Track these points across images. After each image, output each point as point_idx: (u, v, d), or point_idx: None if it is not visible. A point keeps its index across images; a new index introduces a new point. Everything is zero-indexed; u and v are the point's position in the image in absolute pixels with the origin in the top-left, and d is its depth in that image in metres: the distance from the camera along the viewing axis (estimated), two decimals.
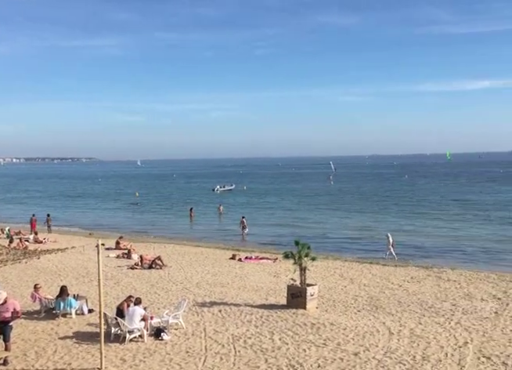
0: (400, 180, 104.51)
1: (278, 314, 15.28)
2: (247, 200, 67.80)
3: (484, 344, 12.55)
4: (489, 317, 15.12)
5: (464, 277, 21.20)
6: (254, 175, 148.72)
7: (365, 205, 55.75)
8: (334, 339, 12.93)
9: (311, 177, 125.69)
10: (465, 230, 36.41)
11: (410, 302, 17.05)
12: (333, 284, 19.84)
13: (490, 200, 57.57)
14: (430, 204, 54.53)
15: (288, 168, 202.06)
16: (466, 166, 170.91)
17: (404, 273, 22.30)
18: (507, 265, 24.97)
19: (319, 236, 35.06)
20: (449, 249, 29.88)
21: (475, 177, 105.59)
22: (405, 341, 12.81)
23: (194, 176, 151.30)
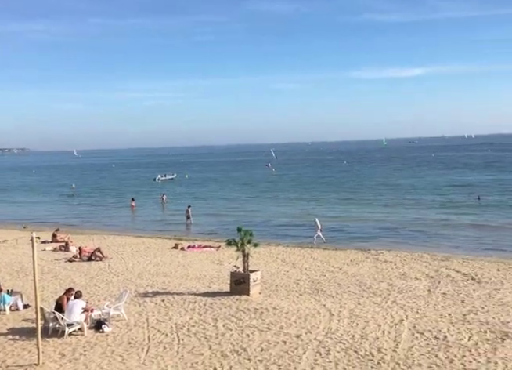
0: (339, 166, 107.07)
1: (221, 301, 15.34)
2: (189, 189, 67.30)
3: (417, 321, 13.18)
4: (423, 294, 15.88)
5: (400, 257, 22.11)
6: (196, 164, 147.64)
7: (305, 192, 56.68)
8: (277, 323, 13.15)
9: (253, 165, 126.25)
10: (398, 214, 37.77)
11: (350, 283, 17.60)
12: (275, 270, 20.13)
13: (421, 184, 59.96)
14: (367, 190, 56.14)
15: (230, 156, 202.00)
16: (401, 151, 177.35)
17: (344, 256, 22.96)
18: (439, 245, 26.24)
19: (260, 223, 35.36)
20: (385, 232, 30.99)
21: (409, 162, 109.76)
22: (345, 321, 13.23)
23: (134, 166, 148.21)
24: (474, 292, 16.08)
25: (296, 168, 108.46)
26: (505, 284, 16.91)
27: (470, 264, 20.37)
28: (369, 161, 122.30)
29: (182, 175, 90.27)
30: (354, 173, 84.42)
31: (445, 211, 38.17)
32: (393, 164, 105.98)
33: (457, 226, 31.97)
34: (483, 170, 77.10)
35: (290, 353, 11.08)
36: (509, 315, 13.49)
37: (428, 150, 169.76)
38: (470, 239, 27.95)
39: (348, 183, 66.29)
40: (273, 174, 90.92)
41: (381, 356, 10.80)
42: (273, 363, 10.53)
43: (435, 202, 43.40)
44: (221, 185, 71.06)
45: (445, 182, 61.12)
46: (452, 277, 18.24)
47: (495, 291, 16.11)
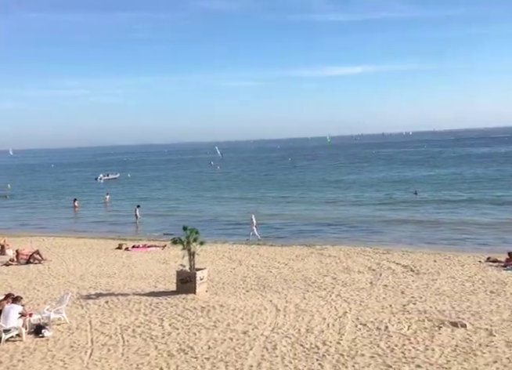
0: (284, 163, 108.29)
1: (167, 301, 15.16)
2: (133, 188, 66.02)
3: (360, 312, 13.57)
4: (365, 287, 16.35)
5: (343, 252, 22.66)
6: (140, 163, 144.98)
7: (249, 189, 56.90)
8: (224, 320, 13.15)
9: (198, 163, 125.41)
10: (340, 210, 38.62)
11: (295, 279, 17.85)
12: (222, 267, 20.11)
13: (362, 180, 61.57)
14: (310, 187, 56.97)
15: (174, 155, 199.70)
16: (344, 148, 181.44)
17: (289, 252, 23.26)
18: (379, 240, 27.05)
19: (206, 221, 35.18)
20: (328, 228, 31.60)
21: (351, 158, 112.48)
22: (291, 316, 13.41)
23: (74, 165, 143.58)
24: (413, 282, 16.73)
25: (241, 165, 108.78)
26: (441, 275, 17.70)
27: (410, 256, 21.17)
28: (312, 158, 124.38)
29: (126, 175, 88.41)
30: (297, 170, 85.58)
31: (384, 207, 39.28)
32: (336, 161, 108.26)
33: (396, 220, 33.00)
34: (419, 166, 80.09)
35: (237, 349, 11.11)
36: (445, 304, 14.13)
37: (369, 147, 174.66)
38: (408, 233, 28.98)
39: (292, 180, 66.95)
40: (218, 172, 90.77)
41: (326, 348, 11.03)
42: (220, 360, 10.53)
43: (375, 198, 44.67)
44: (165, 184, 70.12)
45: (385, 178, 63.13)
46: (393, 269, 18.89)
47: (433, 281, 16.83)
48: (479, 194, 43.18)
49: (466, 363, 10.04)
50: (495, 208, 35.70)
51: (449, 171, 67.64)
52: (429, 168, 73.79)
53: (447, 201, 40.11)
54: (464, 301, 14.37)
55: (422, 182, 55.49)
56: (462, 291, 15.51)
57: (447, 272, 18.13)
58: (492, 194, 42.78)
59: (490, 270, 18.38)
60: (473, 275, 17.55)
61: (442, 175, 62.87)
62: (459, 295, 15.06)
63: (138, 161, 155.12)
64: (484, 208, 36.00)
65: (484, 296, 14.83)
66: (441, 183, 53.16)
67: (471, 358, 10.27)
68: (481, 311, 13.34)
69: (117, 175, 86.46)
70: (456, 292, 15.34)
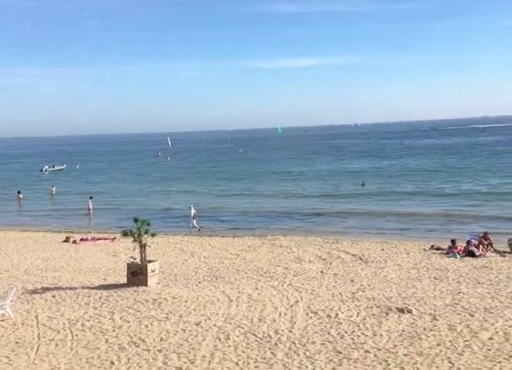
0: (235, 155, 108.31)
1: (118, 294, 14.89)
2: (80, 180, 64.28)
3: (311, 301, 13.82)
4: (316, 276, 16.66)
5: (295, 242, 22.97)
6: (87, 154, 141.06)
7: (200, 181, 56.61)
8: (176, 312, 13.06)
9: (147, 154, 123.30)
10: (291, 202, 39.04)
11: (247, 269, 17.95)
12: (173, 259, 19.95)
13: (312, 172, 62.42)
14: (260, 178, 57.14)
15: (124, 146, 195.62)
16: (295, 139, 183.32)
17: (241, 242, 23.35)
18: (329, 230, 27.55)
19: (156, 214, 34.76)
20: (278, 220, 31.92)
21: (302, 150, 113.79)
22: (244, 306, 13.49)
23: (17, 156, 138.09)
24: (361, 271, 17.19)
25: (192, 157, 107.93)
26: (388, 263, 18.28)
27: (358, 245, 21.72)
28: (263, 150, 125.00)
29: (73, 166, 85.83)
30: (248, 162, 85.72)
31: (333, 198, 39.68)
32: (286, 152, 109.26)
33: (345, 211, 33.56)
34: (367, 158, 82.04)
35: (189, 340, 11.07)
36: (392, 291, 14.61)
37: (320, 139, 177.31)
38: (356, 223, 29.69)
39: (242, 172, 66.83)
40: (167, 163, 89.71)
41: (278, 337, 11.17)
42: (173, 352, 10.46)
43: (324, 190, 45.39)
44: (114, 176, 68.64)
45: (333, 169, 64.25)
46: (343, 258, 19.33)
47: (380, 269, 17.36)
48: (423, 185, 44.60)
49: (411, 347, 10.43)
50: (438, 199, 36.98)
51: (395, 162, 69.62)
52: (376, 160, 75.66)
53: (393, 192, 41.19)
54: (410, 287, 14.91)
55: (369, 173, 56.82)
56: (408, 278, 16.07)
57: (394, 260, 18.73)
58: (435, 185, 44.28)
59: (434, 257, 19.14)
60: (418, 262, 18.22)
61: (389, 166, 64.62)
62: (405, 282, 15.61)
63: (86, 152, 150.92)
64: (427, 199, 37.22)
65: (429, 282, 15.44)
66: (387, 175, 54.52)
67: (416, 342, 10.68)
68: (425, 297, 13.88)
69: (63, 167, 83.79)
70: (403, 279, 15.89)
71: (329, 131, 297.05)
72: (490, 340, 10.63)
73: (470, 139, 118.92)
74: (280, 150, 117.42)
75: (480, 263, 17.80)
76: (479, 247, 19.38)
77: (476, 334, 11.01)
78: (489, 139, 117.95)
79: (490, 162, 60.89)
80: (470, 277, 15.90)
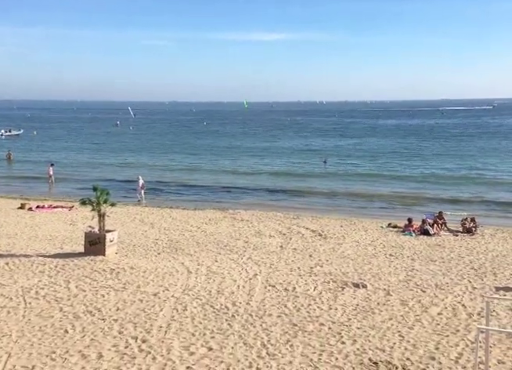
0: (199, 127, 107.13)
1: (74, 263, 14.64)
2: (38, 147, 62.33)
3: (270, 275, 13.96)
4: (276, 250, 16.82)
5: (256, 216, 23.06)
6: (45, 120, 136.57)
7: (161, 153, 55.91)
8: (134, 282, 12.96)
9: (109, 123, 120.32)
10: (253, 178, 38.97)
11: (208, 242, 17.95)
12: (133, 230, 19.72)
13: (275, 148, 62.17)
14: (223, 153, 56.68)
15: (85, 113, 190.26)
16: (260, 115, 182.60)
17: (202, 215, 23.28)
18: (290, 205, 27.78)
19: (116, 183, 34.19)
20: (238, 194, 31.95)
21: (267, 125, 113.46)
22: (203, 278, 13.51)
23: None
24: (320, 246, 17.46)
25: (154, 128, 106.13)
26: (346, 239, 18.63)
27: (318, 222, 22.01)
28: (228, 123, 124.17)
29: (30, 132, 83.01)
30: (211, 135, 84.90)
31: (294, 175, 39.71)
32: (252, 127, 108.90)
33: (306, 188, 33.81)
34: (330, 136, 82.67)
35: (146, 311, 11.02)
36: (349, 266, 14.93)
37: (285, 115, 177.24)
38: (317, 200, 30.02)
39: (205, 145, 65.82)
40: (129, 133, 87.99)
41: (236, 309, 11.26)
42: (129, 321, 10.40)
43: (287, 166, 45.56)
44: (73, 144, 66.90)
45: (297, 146, 64.43)
46: (302, 233, 19.57)
47: (338, 245, 17.68)
48: (383, 166, 45.14)
49: (365, 320, 10.72)
50: (396, 180, 37.20)
51: (357, 141, 70.38)
52: (338, 139, 76.36)
53: (353, 172, 41.51)
54: (366, 264, 15.27)
55: (331, 152, 57.25)
56: (364, 254, 16.44)
57: (352, 237, 19.09)
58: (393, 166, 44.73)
59: (390, 235, 19.62)
60: (375, 240, 18.64)
61: (350, 145, 65.22)
62: (362, 258, 15.97)
63: (44, 118, 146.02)
64: (386, 180, 37.48)
65: (384, 259, 15.84)
66: (348, 154, 54.84)
67: (370, 316, 10.98)
68: (380, 273, 14.25)
69: (20, 132, 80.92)
70: (359, 256, 16.24)
71: (295, 107, 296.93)
72: (439, 315, 11.04)
73: (430, 121, 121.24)
74: (245, 125, 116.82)
75: (434, 242, 18.36)
76: (434, 226, 19.97)
77: (426, 309, 11.40)
78: (448, 121, 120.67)
79: (448, 145, 62.32)
80: (423, 255, 16.41)
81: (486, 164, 43.27)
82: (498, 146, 59.33)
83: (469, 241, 18.49)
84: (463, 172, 39.49)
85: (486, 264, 15.20)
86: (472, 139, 69.13)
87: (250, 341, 9.59)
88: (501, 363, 8.78)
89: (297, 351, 9.21)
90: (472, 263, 15.30)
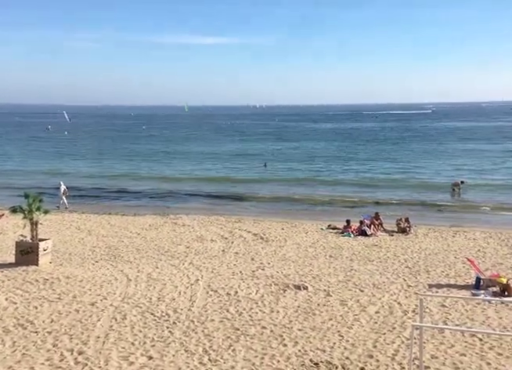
0: (137, 132, 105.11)
1: (4, 273, 13.91)
2: None
3: (212, 279, 13.87)
4: (217, 255, 16.74)
5: (197, 221, 22.85)
6: None
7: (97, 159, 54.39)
8: (70, 292, 12.48)
9: (40, 128, 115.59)
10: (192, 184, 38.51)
11: (148, 248, 17.59)
12: (69, 238, 19.02)
13: (216, 152, 61.82)
14: (161, 158, 55.57)
15: (10, 117, 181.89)
16: (201, 118, 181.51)
17: (143, 221, 22.80)
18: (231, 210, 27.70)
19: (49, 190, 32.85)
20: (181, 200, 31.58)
21: (207, 129, 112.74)
22: (143, 285, 13.22)
23: None
24: (262, 249, 17.55)
25: (91, 132, 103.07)
26: (287, 242, 18.83)
27: (260, 225, 22.11)
28: (168, 127, 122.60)
29: None
30: (150, 139, 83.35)
31: (235, 182, 39.22)
32: (191, 131, 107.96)
33: (247, 193, 33.67)
34: (270, 139, 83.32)
35: (83, 321, 10.64)
36: (290, 268, 15.09)
37: (225, 118, 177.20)
38: (259, 204, 30.12)
39: (143, 150, 64.19)
40: (65, 138, 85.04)
41: (177, 315, 11.09)
42: (64, 333, 9.99)
43: (228, 170, 45.45)
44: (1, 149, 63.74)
45: (237, 150, 64.38)
46: (244, 237, 19.58)
47: (280, 248, 17.83)
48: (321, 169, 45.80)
49: (306, 322, 10.86)
50: (334, 184, 37.62)
51: (296, 145, 71.26)
52: (278, 142, 77.13)
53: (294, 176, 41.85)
54: (307, 265, 15.49)
55: (271, 154, 57.66)
56: (305, 256, 16.68)
57: (293, 239, 19.32)
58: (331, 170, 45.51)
59: (330, 236, 20.02)
60: (315, 241, 18.95)
61: (289, 149, 65.89)
62: (303, 260, 16.19)
63: None
64: (325, 184, 37.89)
65: (324, 260, 16.14)
66: (288, 158, 55.09)
67: (311, 317, 11.14)
68: (320, 274, 14.50)
69: None
70: (300, 258, 16.46)
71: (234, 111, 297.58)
72: (376, 314, 11.36)
73: (366, 125, 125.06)
74: (185, 129, 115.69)
75: (371, 242, 18.91)
76: (371, 227, 20.57)
77: (364, 308, 11.71)
78: (381, 125, 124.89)
79: (382, 148, 64.31)
80: (361, 255, 16.86)
81: (418, 167, 45.02)
82: (429, 148, 61.99)
83: (404, 240, 19.18)
84: (397, 175, 40.87)
85: (420, 262, 15.82)
86: (405, 143, 71.87)
87: (191, 348, 9.47)
88: (434, 358, 9.14)
89: (239, 356, 9.18)
90: (407, 262, 15.89)
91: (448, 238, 19.28)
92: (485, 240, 18.89)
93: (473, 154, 53.36)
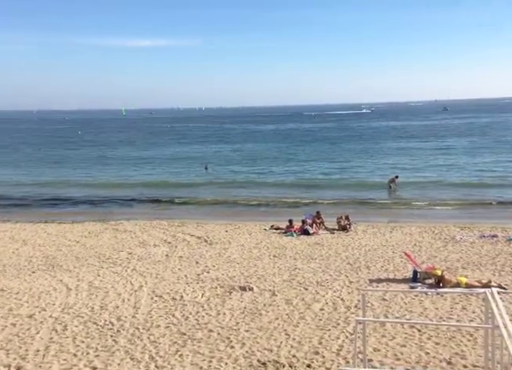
0: (72, 136, 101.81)
1: None
2: None
3: (156, 285, 13.68)
4: (161, 260, 16.51)
5: (139, 226, 22.44)
6: None
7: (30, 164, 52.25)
8: (5, 306, 11.93)
9: None
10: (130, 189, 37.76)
11: (88, 256, 17.09)
12: (2, 249, 18.18)
13: (156, 155, 60.94)
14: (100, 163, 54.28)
15: None
16: (139, 122, 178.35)
17: (81, 228, 22.12)
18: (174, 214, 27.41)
19: None
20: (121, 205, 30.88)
21: (146, 133, 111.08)
22: (84, 294, 12.84)
23: None
24: (206, 252, 17.48)
25: (22, 138, 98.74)
26: (232, 244, 18.86)
27: (203, 228, 22.00)
28: (106, 132, 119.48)
29: None
30: (86, 144, 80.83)
31: (177, 185, 38.75)
32: (130, 135, 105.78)
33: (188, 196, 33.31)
34: (210, 142, 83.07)
35: (20, 335, 10.20)
36: (235, 270, 15.13)
37: (165, 121, 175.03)
38: (201, 208, 29.93)
39: (80, 155, 62.35)
40: None
41: (121, 323, 10.86)
42: (0, 349, 9.52)
43: (169, 174, 44.86)
44: None
45: (178, 153, 63.69)
46: (188, 240, 19.43)
47: (224, 250, 17.83)
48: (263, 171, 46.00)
49: (252, 322, 10.93)
50: (276, 186, 37.88)
51: (238, 147, 71.48)
52: (220, 144, 77.09)
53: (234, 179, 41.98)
54: (252, 266, 15.59)
55: (212, 158, 57.51)
56: (250, 257, 16.77)
57: (237, 241, 19.37)
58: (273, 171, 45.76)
59: (273, 236, 20.23)
60: (259, 242, 19.10)
61: (231, 151, 65.99)
62: (248, 261, 16.27)
63: None
64: (266, 187, 38.16)
65: (269, 261, 16.30)
66: (229, 160, 55.28)
67: (257, 318, 11.22)
68: (265, 274, 14.63)
69: None
70: (245, 259, 16.53)
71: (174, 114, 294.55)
72: (321, 311, 11.61)
73: (305, 126, 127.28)
74: (123, 133, 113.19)
75: (313, 240, 19.28)
76: (313, 225, 20.98)
77: (309, 306, 11.93)
78: (320, 125, 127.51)
79: (320, 148, 65.58)
80: (304, 254, 17.16)
81: (355, 166, 46.29)
82: (366, 147, 63.90)
83: (344, 237, 19.70)
84: (335, 175, 41.81)
85: (360, 259, 16.30)
86: (343, 142, 73.75)
87: (137, 355, 9.30)
88: (376, 350, 9.46)
89: (186, 360, 9.11)
90: (348, 259, 16.33)
91: (386, 234, 19.99)
92: (420, 234, 19.74)
93: (406, 152, 55.47)
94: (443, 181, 36.03)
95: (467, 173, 39.24)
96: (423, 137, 75.65)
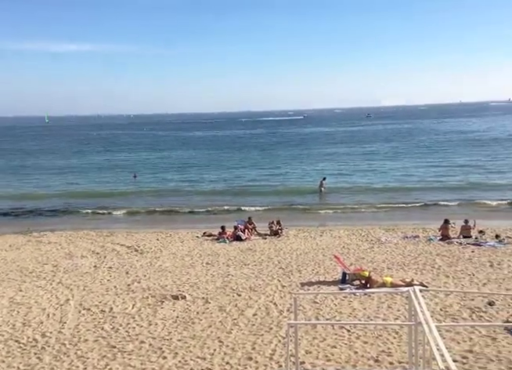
0: None
1: None
2: None
3: (84, 297, 13.17)
4: (89, 271, 15.93)
5: (65, 237, 21.55)
6: None
7: None
8: None
9: None
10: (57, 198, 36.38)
11: (9, 270, 16.19)
12: None
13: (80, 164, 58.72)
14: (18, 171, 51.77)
15: None
16: (64, 129, 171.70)
17: (1, 241, 20.92)
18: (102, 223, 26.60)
19: None
20: (43, 217, 29.54)
21: (70, 140, 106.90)
22: (4, 311, 12.14)
23: None
24: (137, 262, 17.06)
25: None
26: (163, 252, 18.54)
27: (134, 237, 21.49)
28: (25, 140, 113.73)
29: None
30: (2, 153, 76.42)
31: (104, 194, 37.47)
32: (52, 143, 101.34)
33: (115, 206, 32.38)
34: (139, 149, 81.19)
35: None
36: (167, 279, 14.87)
37: (90, 128, 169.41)
38: (130, 216, 29.20)
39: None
40: None
41: (46, 340, 10.35)
42: None
43: (95, 183, 43.44)
44: None
45: (105, 162, 61.49)
46: (117, 250, 18.89)
47: (156, 259, 17.49)
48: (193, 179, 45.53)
49: (185, 331, 10.78)
50: (206, 194, 37.57)
51: (167, 154, 70.34)
52: (149, 152, 75.60)
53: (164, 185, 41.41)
54: (184, 274, 15.39)
55: (141, 165, 56.30)
56: (182, 265, 16.56)
57: (169, 249, 19.07)
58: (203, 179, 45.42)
59: (206, 243, 20.11)
60: (191, 250, 18.91)
61: (160, 158, 64.78)
62: (180, 269, 16.06)
63: None
64: (197, 193, 37.86)
65: (202, 268, 16.17)
66: (158, 168, 54.22)
67: (190, 326, 11.08)
68: (198, 282, 14.50)
69: None
70: (177, 267, 16.30)
71: (97, 121, 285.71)
72: (254, 316, 11.66)
73: (234, 132, 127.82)
74: (45, 141, 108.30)
75: (246, 246, 19.36)
76: (245, 231, 21.07)
77: (243, 312, 11.95)
78: (250, 132, 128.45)
79: (249, 156, 65.97)
80: (237, 260, 17.18)
81: (285, 172, 46.97)
82: (295, 154, 65.13)
83: (276, 242, 19.95)
84: (265, 182, 42.17)
85: (292, 263, 16.56)
86: (273, 149, 74.73)
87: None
88: (308, 353, 9.63)
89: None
90: (280, 263, 16.53)
91: (317, 238, 20.46)
92: (349, 237, 20.38)
93: (333, 158, 57.17)
94: (369, 186, 37.47)
95: (390, 177, 41.11)
96: (348, 142, 78.28)
